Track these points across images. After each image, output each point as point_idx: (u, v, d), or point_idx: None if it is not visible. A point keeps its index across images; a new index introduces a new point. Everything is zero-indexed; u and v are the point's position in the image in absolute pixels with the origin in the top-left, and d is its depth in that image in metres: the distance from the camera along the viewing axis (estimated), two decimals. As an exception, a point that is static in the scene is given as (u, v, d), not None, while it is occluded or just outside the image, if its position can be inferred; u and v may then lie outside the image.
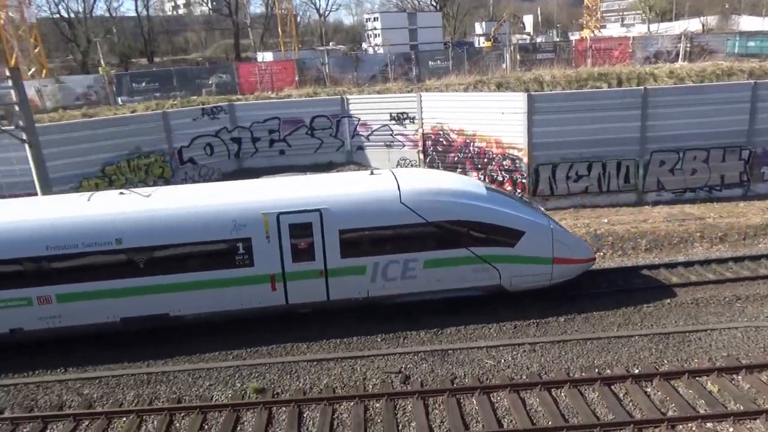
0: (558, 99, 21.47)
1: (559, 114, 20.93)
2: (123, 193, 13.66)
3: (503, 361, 12.29)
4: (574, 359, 12.24)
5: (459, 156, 23.56)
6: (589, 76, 24.99)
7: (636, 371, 11.74)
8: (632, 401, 10.93)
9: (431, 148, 24.37)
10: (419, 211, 13.28)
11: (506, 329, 13.55)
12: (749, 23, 70.63)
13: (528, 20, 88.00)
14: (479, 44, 72.85)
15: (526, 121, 20.92)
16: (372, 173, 14.51)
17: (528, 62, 35.52)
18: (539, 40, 67.40)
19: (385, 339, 13.34)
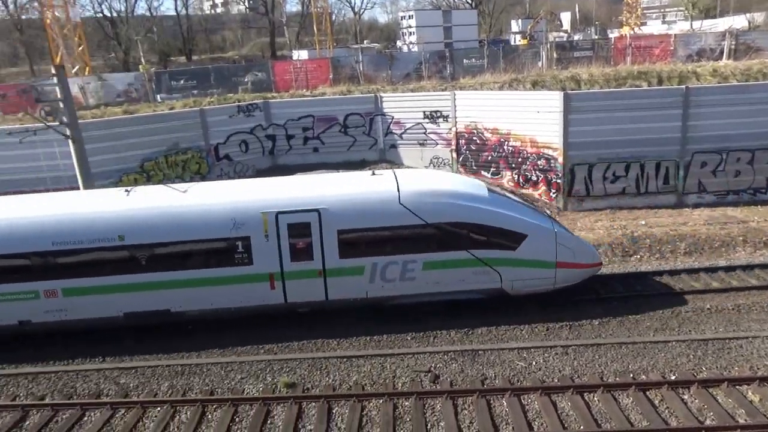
0: (595, 98, 21.07)
1: (597, 113, 20.54)
2: (128, 192, 13.96)
3: (534, 363, 12.12)
4: (608, 363, 12.00)
5: (493, 155, 23.35)
6: (629, 75, 24.35)
7: (672, 377, 11.43)
8: (668, 408, 10.64)
9: (464, 147, 24.21)
10: (418, 213, 13.21)
11: (538, 331, 13.37)
12: (799, 20, 67.94)
13: (565, 17, 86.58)
14: (515, 42, 72.01)
15: (562, 120, 20.59)
16: (373, 174, 14.47)
17: (565, 60, 34.85)
18: (577, 38, 66.09)
19: (416, 338, 13.33)
